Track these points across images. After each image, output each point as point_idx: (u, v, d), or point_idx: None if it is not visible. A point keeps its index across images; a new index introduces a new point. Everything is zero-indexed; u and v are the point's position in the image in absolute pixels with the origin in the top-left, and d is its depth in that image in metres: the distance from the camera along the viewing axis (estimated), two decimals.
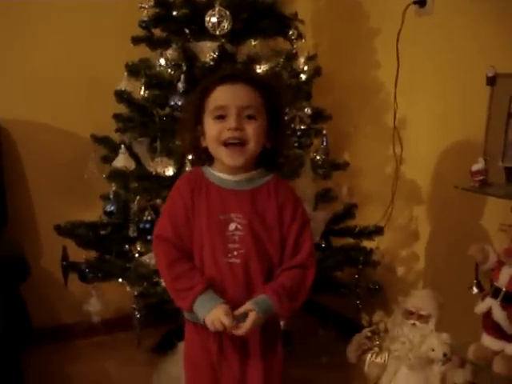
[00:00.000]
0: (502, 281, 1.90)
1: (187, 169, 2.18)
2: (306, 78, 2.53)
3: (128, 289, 2.36)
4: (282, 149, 1.63)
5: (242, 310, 1.46)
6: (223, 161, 1.52)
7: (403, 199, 2.73)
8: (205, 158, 1.60)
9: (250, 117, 1.50)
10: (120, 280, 2.34)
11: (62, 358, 2.79)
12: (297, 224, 1.55)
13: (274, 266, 1.53)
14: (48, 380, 2.59)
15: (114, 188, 2.44)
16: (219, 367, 1.55)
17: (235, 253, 1.49)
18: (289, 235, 1.54)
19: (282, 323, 2.20)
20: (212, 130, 1.51)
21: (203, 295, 1.46)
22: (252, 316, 1.45)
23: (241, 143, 1.49)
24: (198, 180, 1.55)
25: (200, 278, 1.48)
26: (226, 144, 1.50)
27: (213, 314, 1.44)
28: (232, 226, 1.50)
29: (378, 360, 2.11)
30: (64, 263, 2.41)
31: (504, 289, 1.89)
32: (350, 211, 2.60)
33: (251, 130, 1.49)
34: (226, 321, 1.42)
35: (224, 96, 1.51)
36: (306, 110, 2.43)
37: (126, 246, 2.45)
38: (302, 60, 2.54)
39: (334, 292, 2.51)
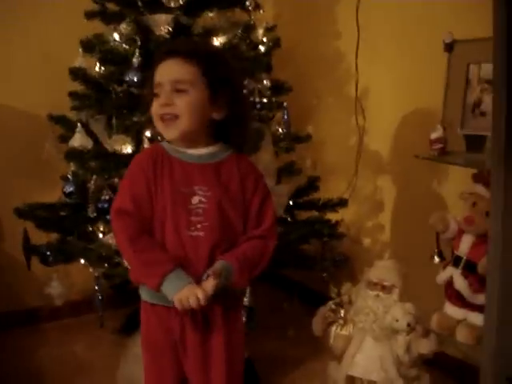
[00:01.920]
0: (462, 249, 1.91)
1: (145, 146, 2.14)
2: (265, 50, 2.47)
3: (91, 270, 2.32)
4: (236, 120, 1.58)
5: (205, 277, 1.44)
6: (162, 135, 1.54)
7: (367, 170, 2.73)
8: None
9: (179, 90, 1.49)
10: (82, 261, 2.29)
11: (29, 342, 2.75)
12: (258, 197, 1.56)
13: (237, 239, 1.53)
14: (16, 365, 2.55)
15: (72, 168, 2.38)
16: (182, 346, 1.53)
17: (198, 226, 1.48)
18: (251, 207, 1.55)
19: (245, 300, 2.21)
20: (153, 107, 1.53)
21: (172, 274, 1.42)
22: (211, 282, 1.42)
23: (174, 117, 1.49)
24: (159, 154, 1.54)
25: (167, 254, 1.46)
26: (162, 119, 1.51)
27: (182, 293, 1.41)
28: (195, 200, 1.49)
29: (344, 332, 2.12)
30: (26, 246, 2.36)
31: (465, 257, 1.90)
32: (313, 184, 2.57)
33: (182, 103, 1.48)
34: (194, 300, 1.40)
35: (159, 73, 1.52)
36: (264, 82, 2.38)
37: (89, 227, 2.40)
38: (260, 31, 2.48)
39: (301, 265, 2.50)
